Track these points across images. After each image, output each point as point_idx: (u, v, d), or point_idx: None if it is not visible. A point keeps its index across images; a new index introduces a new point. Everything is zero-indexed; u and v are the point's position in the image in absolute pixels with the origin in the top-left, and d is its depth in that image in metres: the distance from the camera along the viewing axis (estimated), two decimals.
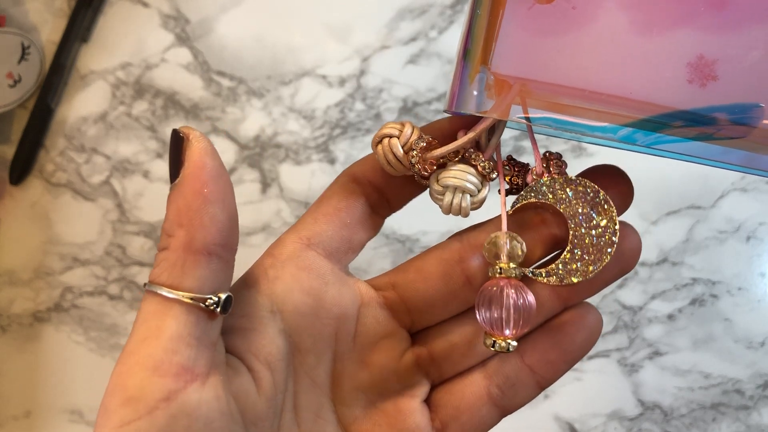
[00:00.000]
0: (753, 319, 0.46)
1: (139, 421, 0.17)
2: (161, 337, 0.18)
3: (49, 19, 0.48)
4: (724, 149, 0.19)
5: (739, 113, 0.19)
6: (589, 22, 0.19)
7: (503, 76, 0.20)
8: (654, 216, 0.46)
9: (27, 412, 0.48)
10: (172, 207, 0.19)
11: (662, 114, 0.19)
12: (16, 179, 0.47)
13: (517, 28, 0.20)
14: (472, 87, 0.20)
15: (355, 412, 0.23)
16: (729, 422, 0.46)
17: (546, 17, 0.19)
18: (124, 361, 0.18)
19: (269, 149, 0.47)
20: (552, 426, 0.47)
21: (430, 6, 0.47)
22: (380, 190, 0.23)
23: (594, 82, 0.19)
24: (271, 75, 0.47)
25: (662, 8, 0.19)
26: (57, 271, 0.47)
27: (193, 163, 0.19)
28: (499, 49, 0.20)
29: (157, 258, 0.19)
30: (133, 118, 0.47)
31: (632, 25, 0.19)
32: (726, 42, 0.19)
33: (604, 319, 0.46)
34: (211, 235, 0.19)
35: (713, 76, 0.19)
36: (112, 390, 0.18)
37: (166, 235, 0.19)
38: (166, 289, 0.18)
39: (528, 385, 0.23)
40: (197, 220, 0.19)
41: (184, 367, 0.18)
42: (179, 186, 0.19)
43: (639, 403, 0.46)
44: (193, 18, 0.48)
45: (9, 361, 0.48)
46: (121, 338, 0.47)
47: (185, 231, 0.19)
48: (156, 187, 0.47)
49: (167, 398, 0.17)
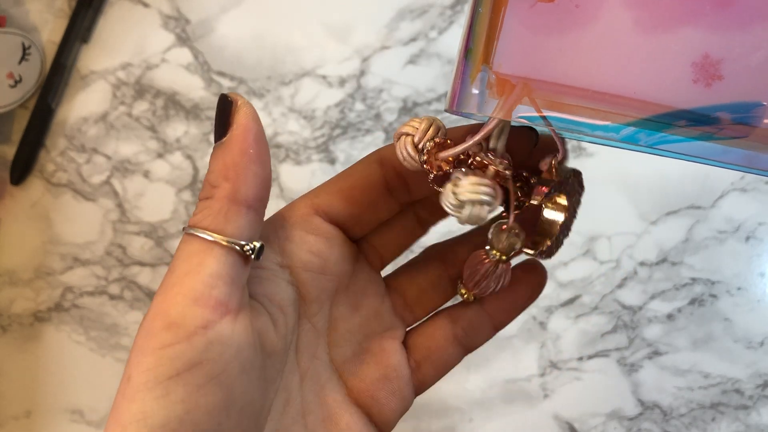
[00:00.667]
0: (752, 319, 0.46)
1: (179, 345, 0.19)
2: (202, 273, 0.20)
3: (50, 19, 0.48)
4: (726, 149, 0.19)
5: (741, 112, 0.19)
6: (592, 20, 0.19)
7: (505, 76, 0.20)
8: (653, 216, 0.46)
9: (27, 412, 0.48)
10: (218, 161, 0.21)
11: (666, 113, 0.19)
12: (16, 179, 0.47)
13: (520, 27, 0.20)
14: (473, 86, 0.20)
15: (346, 353, 0.26)
16: (728, 422, 0.46)
17: (549, 15, 0.19)
18: (166, 291, 0.20)
19: (269, 149, 0.47)
20: (551, 425, 0.47)
21: (430, 6, 0.47)
22: (401, 175, 0.24)
23: (597, 82, 0.19)
24: (271, 75, 0.47)
25: (667, 7, 0.19)
26: (57, 271, 0.48)
27: (241, 125, 0.21)
28: (500, 48, 0.20)
29: (199, 206, 0.21)
30: (134, 119, 0.47)
31: (636, 23, 0.19)
32: (731, 41, 0.19)
33: (604, 319, 0.46)
34: (252, 190, 0.21)
35: (719, 75, 0.19)
36: (154, 315, 0.20)
37: (210, 186, 0.21)
38: (208, 233, 0.20)
39: (487, 327, 0.27)
40: (242, 176, 0.21)
41: (221, 301, 0.20)
42: (227, 144, 0.21)
43: (638, 403, 0.46)
44: (194, 18, 0.48)
45: (9, 361, 0.48)
46: (122, 338, 0.48)
47: (231, 184, 0.21)
48: (156, 187, 0.47)
49: (205, 326, 0.19)
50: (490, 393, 0.47)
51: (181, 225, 0.47)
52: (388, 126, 0.47)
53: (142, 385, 0.19)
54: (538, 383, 0.47)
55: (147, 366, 0.19)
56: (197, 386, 0.19)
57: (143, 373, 0.19)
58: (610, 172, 0.46)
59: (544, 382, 0.47)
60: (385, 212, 0.25)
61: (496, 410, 0.47)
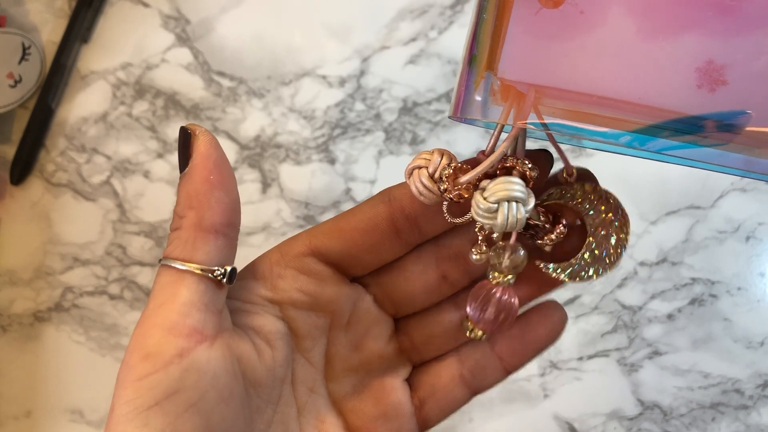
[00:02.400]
0: (752, 319, 0.46)
1: (156, 374, 0.20)
2: (176, 302, 0.20)
3: (50, 19, 0.48)
4: (740, 156, 0.19)
5: (740, 117, 0.19)
6: (596, 27, 0.19)
7: (510, 82, 0.20)
8: (653, 216, 0.46)
9: (27, 412, 0.48)
10: (182, 192, 0.21)
11: (672, 120, 0.19)
12: (16, 179, 0.47)
13: (524, 33, 0.20)
14: (477, 93, 0.20)
15: (345, 389, 0.26)
16: (728, 422, 0.46)
17: (553, 22, 0.19)
18: (143, 323, 0.20)
19: (269, 149, 0.47)
20: (551, 425, 0.47)
21: (430, 6, 0.47)
22: (410, 216, 0.24)
23: (602, 88, 0.19)
24: (271, 75, 0.47)
25: (670, 13, 0.19)
26: (57, 271, 0.48)
27: (200, 154, 0.21)
28: (505, 54, 0.20)
29: (170, 237, 0.21)
30: (134, 119, 0.47)
31: (640, 30, 0.19)
32: (735, 47, 0.19)
33: (604, 318, 0.46)
34: (217, 215, 0.21)
35: (723, 80, 0.19)
36: (132, 348, 0.20)
37: (177, 216, 0.21)
38: (179, 262, 0.21)
39: (496, 369, 0.26)
40: (205, 203, 0.21)
41: (195, 328, 0.20)
42: (189, 174, 0.21)
43: (638, 403, 0.46)
44: (194, 18, 0.48)
45: (9, 361, 0.48)
46: (122, 338, 0.48)
47: (195, 212, 0.21)
48: (156, 187, 0.47)
49: (180, 354, 0.20)
50: (490, 393, 0.47)
51: None
52: (388, 126, 0.47)
53: (122, 417, 0.19)
54: (538, 383, 0.47)
55: (127, 398, 0.19)
56: (176, 415, 0.20)
57: (123, 405, 0.19)
58: (610, 172, 0.46)
59: (544, 382, 0.47)
60: (389, 254, 0.25)
61: (496, 410, 0.47)
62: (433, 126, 0.47)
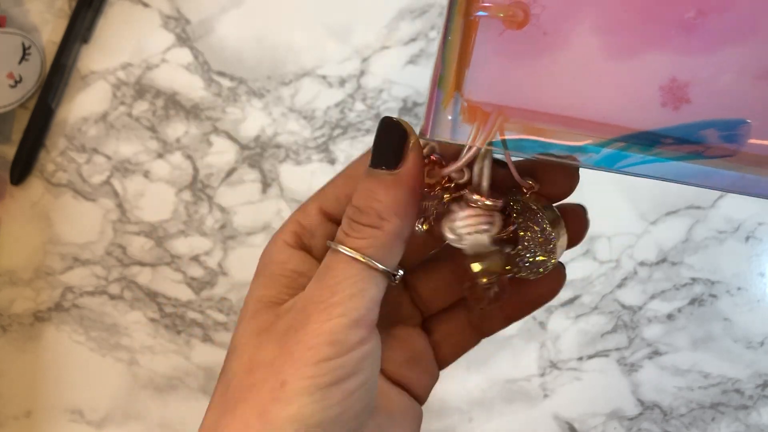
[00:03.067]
0: (752, 318, 0.46)
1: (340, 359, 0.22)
2: (365, 299, 0.22)
3: (50, 19, 0.48)
4: (700, 168, 0.20)
5: (726, 130, 0.19)
6: (561, 47, 0.19)
7: (476, 103, 0.20)
8: (653, 216, 0.46)
9: (27, 411, 0.48)
10: (390, 194, 0.22)
11: (634, 134, 0.19)
12: (16, 179, 0.47)
13: (489, 54, 0.20)
14: (446, 113, 0.21)
15: None
16: (728, 422, 0.46)
17: (517, 43, 0.20)
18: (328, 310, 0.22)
19: (269, 149, 0.47)
20: (551, 425, 0.47)
21: (430, 6, 0.47)
22: None
23: (567, 107, 0.20)
24: (271, 75, 0.47)
25: (633, 32, 0.19)
26: (57, 271, 0.48)
27: (416, 163, 0.22)
28: (471, 75, 0.20)
29: (362, 231, 0.22)
30: (134, 119, 0.47)
31: (604, 49, 0.19)
32: (697, 65, 0.19)
33: (604, 318, 0.47)
34: (412, 228, 0.23)
35: (686, 98, 0.19)
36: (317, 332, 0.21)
37: (377, 216, 0.22)
38: (372, 261, 0.22)
39: (498, 318, 0.28)
40: (411, 215, 0.23)
41: (374, 322, 0.23)
42: (402, 179, 0.22)
43: (638, 403, 0.46)
44: (194, 18, 0.48)
45: (9, 361, 0.48)
46: (122, 338, 0.48)
47: (400, 221, 0.22)
48: (157, 187, 0.47)
49: (361, 343, 0.22)
50: (490, 393, 0.47)
51: (181, 225, 0.47)
52: None
53: (302, 389, 0.21)
54: (538, 383, 0.47)
55: (307, 374, 0.21)
56: (350, 392, 0.22)
57: (303, 380, 0.21)
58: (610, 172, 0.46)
59: (544, 382, 0.47)
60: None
61: (496, 410, 0.47)
62: None
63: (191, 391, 0.47)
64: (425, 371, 0.28)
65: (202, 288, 0.48)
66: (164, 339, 0.48)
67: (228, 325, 0.48)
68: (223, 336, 0.48)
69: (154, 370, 0.48)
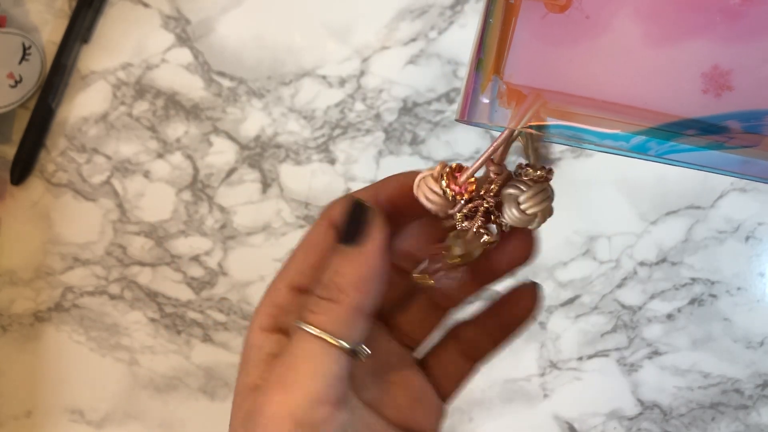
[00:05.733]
0: (752, 318, 0.46)
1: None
2: (326, 376, 0.22)
3: (50, 19, 0.48)
4: (739, 158, 0.19)
5: (752, 121, 0.19)
6: (602, 32, 0.19)
7: (516, 86, 0.20)
8: (653, 216, 0.46)
9: (28, 411, 0.48)
10: (351, 270, 0.22)
11: (675, 122, 0.19)
12: (17, 179, 0.47)
13: (530, 38, 0.20)
14: (483, 96, 0.20)
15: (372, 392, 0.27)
16: (728, 422, 0.46)
17: (559, 27, 0.19)
18: (290, 389, 0.21)
19: (269, 149, 0.47)
20: (551, 425, 0.47)
21: (430, 6, 0.47)
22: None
23: (607, 92, 0.20)
24: (271, 75, 0.47)
25: (677, 18, 0.19)
26: (58, 271, 0.48)
27: (378, 241, 0.22)
28: (511, 59, 0.20)
29: (320, 305, 0.22)
30: (134, 119, 0.48)
31: (646, 35, 0.19)
32: (740, 52, 0.19)
33: (604, 318, 0.47)
34: (375, 303, 0.23)
35: (728, 86, 0.19)
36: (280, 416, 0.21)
37: (336, 289, 0.22)
38: (331, 337, 0.22)
39: (488, 342, 0.28)
40: (372, 290, 0.22)
41: (339, 398, 0.22)
42: (364, 255, 0.22)
43: (638, 403, 0.46)
44: (194, 18, 0.48)
45: (10, 361, 0.48)
46: (122, 338, 0.48)
47: (361, 296, 0.22)
48: (157, 187, 0.48)
49: (326, 421, 0.21)
50: (490, 393, 0.47)
51: (182, 225, 0.47)
52: (388, 126, 0.47)
53: None
54: (538, 383, 0.47)
55: None
56: None
57: None
58: (609, 172, 0.46)
59: (543, 382, 0.47)
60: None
61: (496, 410, 0.47)
62: (433, 126, 0.47)
63: (191, 391, 0.47)
64: (430, 409, 0.27)
65: (202, 288, 0.48)
66: (164, 339, 0.48)
67: (228, 325, 0.48)
68: (223, 336, 0.48)
69: (154, 370, 0.48)
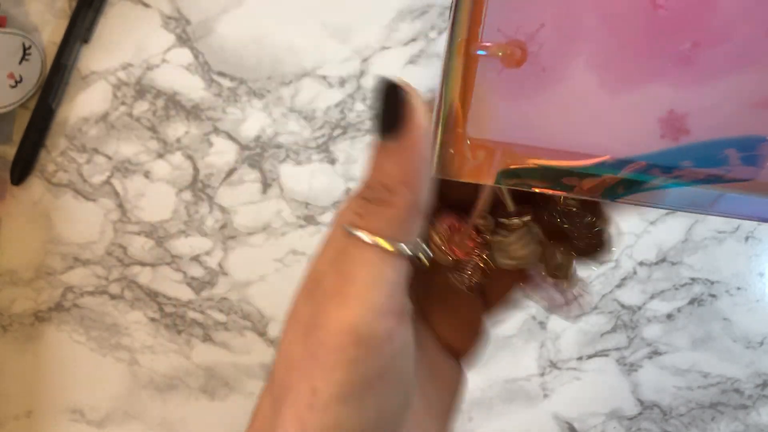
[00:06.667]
0: (752, 318, 0.46)
1: (369, 359, 0.19)
2: (385, 286, 0.20)
3: (50, 19, 0.48)
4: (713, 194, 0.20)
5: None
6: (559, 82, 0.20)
7: (479, 141, 0.20)
8: (653, 216, 0.46)
9: (28, 411, 0.48)
10: (394, 165, 0.20)
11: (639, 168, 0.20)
12: (17, 179, 0.47)
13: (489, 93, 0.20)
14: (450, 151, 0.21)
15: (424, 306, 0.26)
16: (728, 421, 0.46)
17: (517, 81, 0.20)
18: (346, 302, 0.20)
19: (270, 149, 0.47)
20: (551, 425, 0.47)
21: (430, 7, 0.47)
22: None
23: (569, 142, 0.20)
24: (271, 75, 0.47)
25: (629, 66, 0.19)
26: (58, 271, 0.48)
27: (418, 126, 0.20)
28: (473, 115, 0.20)
29: (369, 208, 0.20)
30: (134, 119, 0.48)
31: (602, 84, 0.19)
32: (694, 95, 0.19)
33: (604, 318, 0.47)
34: (427, 197, 0.20)
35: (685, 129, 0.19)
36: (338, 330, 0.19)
37: (383, 188, 0.20)
38: (387, 242, 0.20)
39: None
40: (423, 183, 0.20)
41: (400, 310, 0.20)
42: (405, 146, 0.20)
43: (638, 403, 0.46)
44: (194, 19, 0.48)
45: (10, 361, 0.48)
46: (122, 338, 0.48)
47: (411, 191, 0.20)
48: (157, 187, 0.48)
49: (390, 337, 0.20)
50: (490, 392, 0.47)
51: (182, 225, 0.48)
52: None
53: (334, 397, 0.19)
54: (538, 383, 0.47)
55: (338, 380, 0.19)
56: (386, 393, 0.20)
57: (334, 387, 0.19)
58: None
59: (543, 382, 0.47)
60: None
61: (496, 410, 0.47)
62: None
63: (191, 390, 0.47)
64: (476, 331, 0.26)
65: (202, 288, 0.48)
66: (164, 339, 0.48)
67: (228, 325, 0.48)
68: (223, 336, 0.48)
69: (155, 370, 0.48)
